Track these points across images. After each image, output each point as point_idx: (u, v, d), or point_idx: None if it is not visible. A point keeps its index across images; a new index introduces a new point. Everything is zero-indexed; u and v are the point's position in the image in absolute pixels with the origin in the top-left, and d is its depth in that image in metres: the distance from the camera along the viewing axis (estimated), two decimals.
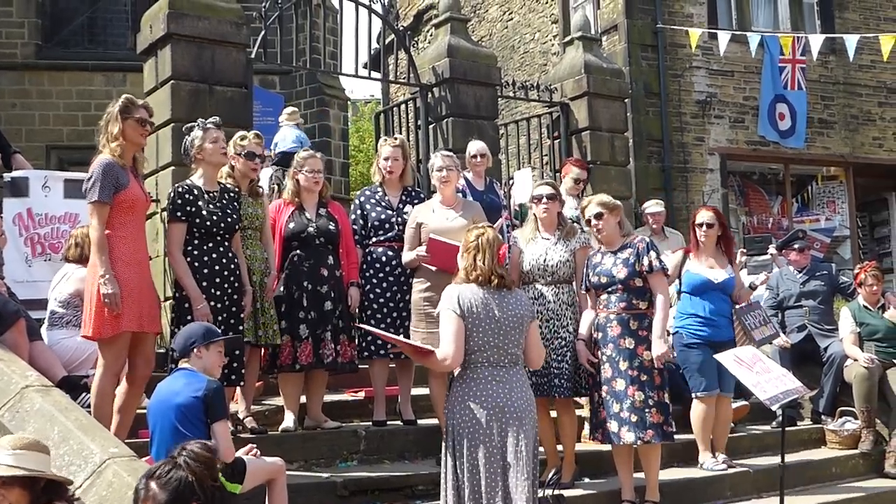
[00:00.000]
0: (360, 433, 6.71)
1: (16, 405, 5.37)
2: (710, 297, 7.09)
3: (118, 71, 17.07)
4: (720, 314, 7.09)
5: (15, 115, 16.57)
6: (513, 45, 17.45)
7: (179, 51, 8.63)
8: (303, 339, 6.53)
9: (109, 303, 5.37)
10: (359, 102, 39.48)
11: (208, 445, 3.90)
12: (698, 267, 7.17)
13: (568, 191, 8.68)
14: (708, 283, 7.10)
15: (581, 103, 11.61)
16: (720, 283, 7.11)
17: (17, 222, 8.22)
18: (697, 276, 7.14)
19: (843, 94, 15.33)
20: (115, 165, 5.50)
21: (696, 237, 7.22)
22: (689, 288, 7.18)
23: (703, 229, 7.13)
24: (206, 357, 5.06)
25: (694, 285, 7.15)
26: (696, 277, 7.14)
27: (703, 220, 7.18)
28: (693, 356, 7.08)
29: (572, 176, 9.06)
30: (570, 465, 6.55)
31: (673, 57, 14.22)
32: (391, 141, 7.20)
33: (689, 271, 7.19)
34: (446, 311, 4.94)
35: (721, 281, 7.11)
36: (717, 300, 7.10)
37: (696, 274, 7.16)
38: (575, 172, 9.10)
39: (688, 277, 7.19)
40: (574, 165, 9.28)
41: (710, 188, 14.22)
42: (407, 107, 11.20)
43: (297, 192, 6.79)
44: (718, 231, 7.17)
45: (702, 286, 7.11)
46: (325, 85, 18.12)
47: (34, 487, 4.13)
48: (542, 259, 6.47)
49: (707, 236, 7.13)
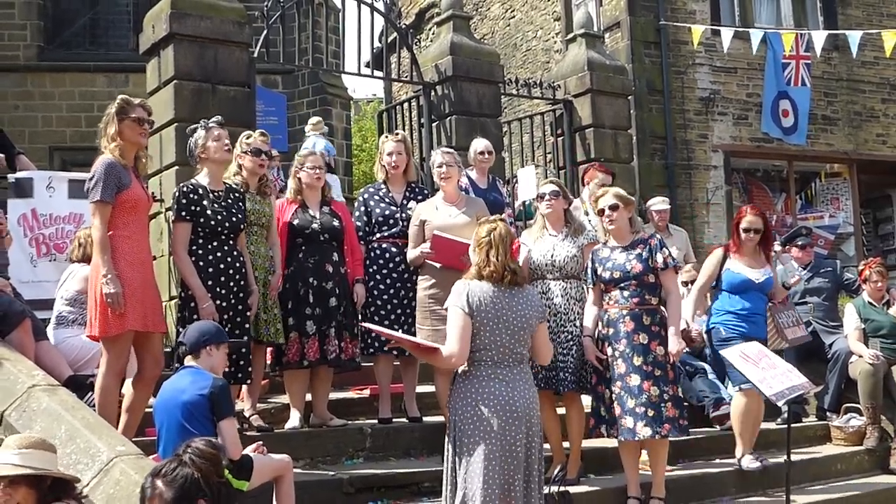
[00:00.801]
0: (365, 431, 6.72)
1: (23, 404, 5.38)
2: (749, 296, 7.07)
3: (120, 72, 17.10)
4: (757, 313, 7.09)
5: (18, 117, 16.60)
6: (515, 42, 17.44)
7: (182, 50, 8.65)
8: (310, 335, 6.54)
9: (112, 302, 5.38)
10: (361, 101, 39.48)
11: (213, 442, 3.92)
12: (739, 266, 7.15)
13: (592, 195, 8.26)
14: (749, 282, 7.08)
15: (584, 100, 11.62)
16: (760, 283, 7.10)
17: (21, 223, 8.22)
18: (738, 275, 7.11)
19: (847, 90, 15.30)
20: (116, 165, 5.51)
21: (739, 238, 7.19)
22: (729, 286, 7.14)
23: (750, 234, 7.11)
24: (214, 357, 5.08)
25: (734, 284, 7.11)
26: (736, 276, 7.11)
27: (750, 225, 7.14)
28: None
29: (596, 181, 8.43)
30: (576, 461, 6.55)
31: (676, 54, 14.20)
32: (393, 136, 7.21)
33: (730, 270, 7.16)
34: (454, 307, 4.92)
35: (761, 281, 7.10)
36: (755, 299, 7.09)
37: (737, 273, 7.12)
38: (599, 178, 8.50)
39: (728, 276, 7.15)
40: (599, 171, 8.73)
41: (713, 185, 14.20)
42: (410, 105, 11.21)
43: (300, 191, 6.80)
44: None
45: (742, 285, 7.08)
46: (327, 84, 18.13)
47: (41, 486, 4.14)
48: (550, 255, 6.47)
49: (752, 241, 7.12)
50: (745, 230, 7.14)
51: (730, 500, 6.77)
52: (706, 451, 7.52)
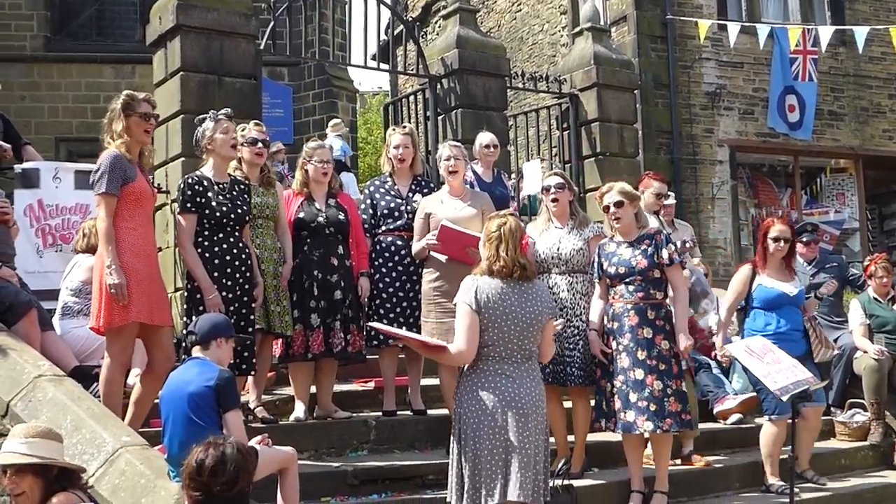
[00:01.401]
0: (370, 423, 6.73)
1: (28, 394, 5.40)
2: (783, 312, 6.92)
3: (127, 63, 17.12)
4: (794, 328, 6.94)
5: (24, 108, 16.62)
6: (521, 36, 17.42)
7: (188, 42, 8.64)
8: (314, 328, 6.55)
9: (115, 293, 5.39)
10: (367, 94, 39.45)
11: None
12: (771, 281, 6.98)
13: (648, 207, 7.83)
14: (784, 296, 6.92)
15: (590, 94, 11.60)
16: (794, 297, 6.95)
17: (28, 213, 8.24)
18: (772, 290, 6.95)
19: (853, 86, 15.28)
20: (122, 158, 5.53)
21: (766, 250, 7.03)
22: (763, 303, 6.97)
23: (780, 244, 6.96)
24: (223, 349, 5.10)
25: (769, 300, 6.94)
26: (770, 292, 6.95)
27: (780, 234, 6.98)
28: None
29: (653, 191, 8.02)
30: (581, 455, 6.56)
31: (682, 48, 14.19)
32: (400, 129, 7.21)
33: (763, 285, 6.99)
34: (462, 303, 4.92)
35: (795, 294, 6.96)
36: (790, 314, 6.94)
37: (770, 288, 6.96)
38: (655, 186, 8.08)
39: (762, 292, 6.98)
40: (654, 179, 8.24)
41: (719, 180, 14.20)
42: (416, 98, 11.20)
43: (306, 183, 6.80)
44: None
45: (777, 300, 6.92)
46: (333, 76, 18.14)
47: (47, 475, 4.17)
48: (556, 248, 6.47)
49: (781, 251, 6.98)
50: (774, 239, 6.96)
51: (734, 495, 6.77)
52: (710, 445, 7.52)
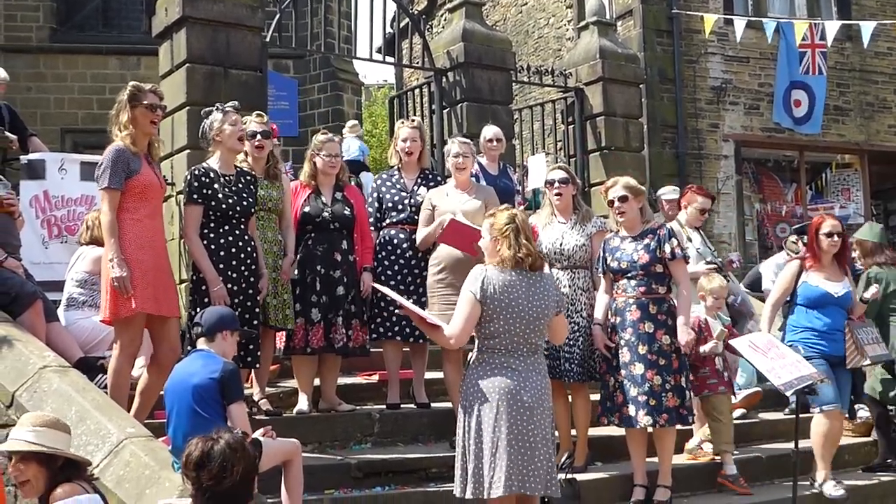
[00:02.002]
0: (373, 416, 6.74)
1: (34, 385, 5.42)
2: (827, 311, 6.80)
3: (133, 54, 17.14)
4: (837, 328, 6.80)
5: (30, 99, 16.63)
6: (527, 29, 17.40)
7: (194, 34, 8.64)
8: (315, 322, 6.56)
9: (118, 286, 5.43)
10: (372, 87, 39.45)
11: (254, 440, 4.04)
12: (817, 279, 6.86)
13: (690, 222, 7.83)
14: (827, 296, 6.80)
15: (596, 88, 11.59)
16: (839, 297, 6.82)
17: (33, 204, 8.26)
18: (816, 288, 6.83)
19: (859, 81, 15.25)
20: (125, 152, 5.55)
21: (817, 247, 6.87)
22: (807, 301, 6.85)
23: (834, 239, 6.81)
24: (228, 342, 5.10)
25: (812, 298, 6.83)
26: (815, 290, 6.83)
27: (831, 229, 6.82)
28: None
29: (696, 206, 7.85)
30: (584, 449, 6.57)
31: (688, 43, 14.17)
32: (409, 123, 7.22)
33: (808, 283, 6.87)
34: (466, 291, 4.91)
35: (841, 295, 6.82)
36: (834, 314, 6.81)
37: (815, 286, 6.84)
38: (699, 202, 7.88)
39: (806, 290, 6.87)
40: (698, 194, 8.02)
41: (724, 175, 14.19)
42: (421, 91, 11.20)
43: (314, 175, 6.80)
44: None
45: (821, 299, 6.80)
46: (338, 69, 18.14)
47: (52, 465, 4.18)
48: (559, 243, 6.48)
49: (834, 246, 6.83)
50: (827, 234, 6.80)
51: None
52: None
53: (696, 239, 7.65)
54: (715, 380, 6.73)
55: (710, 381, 6.73)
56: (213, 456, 3.78)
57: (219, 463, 3.77)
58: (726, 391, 6.80)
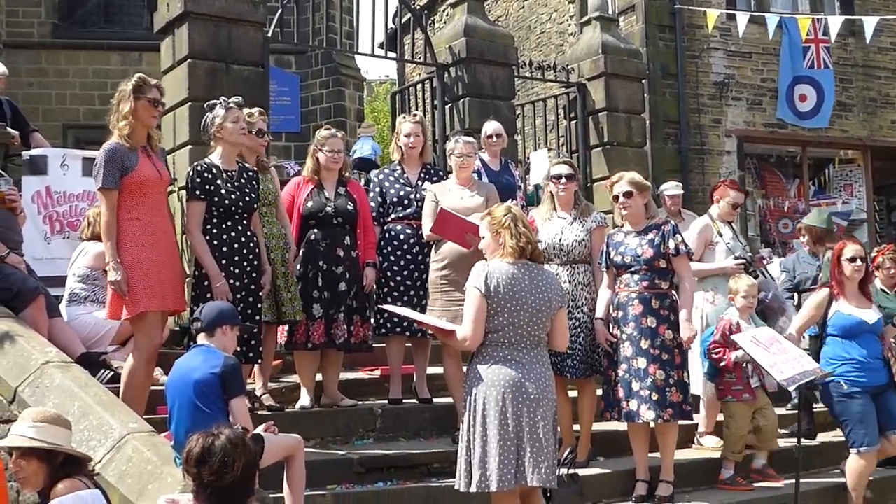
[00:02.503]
0: (375, 411, 6.74)
1: (36, 381, 5.43)
2: (863, 341, 6.60)
3: (134, 50, 17.11)
4: (875, 357, 6.61)
5: (32, 94, 16.63)
6: (529, 25, 17.38)
7: (196, 29, 8.62)
8: (316, 318, 6.56)
9: (116, 289, 5.44)
10: (374, 83, 39.43)
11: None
12: (849, 308, 6.64)
13: (722, 216, 7.66)
14: (863, 324, 6.60)
15: (598, 84, 11.58)
16: (874, 325, 6.64)
17: (35, 200, 8.25)
18: (851, 317, 6.61)
19: (862, 76, 15.22)
20: (118, 149, 5.54)
21: (842, 273, 6.66)
22: (842, 331, 6.62)
23: (857, 264, 6.60)
24: (228, 336, 5.10)
25: (848, 328, 6.60)
26: (849, 319, 6.61)
27: (854, 254, 6.63)
28: (855, 406, 6.50)
29: (728, 200, 7.63)
30: (586, 444, 6.57)
31: (691, 38, 14.14)
32: (411, 118, 7.21)
33: (841, 312, 6.64)
34: (472, 288, 4.92)
35: (874, 322, 6.64)
36: (870, 342, 6.61)
37: (848, 315, 6.62)
38: (732, 196, 7.66)
39: (840, 319, 6.63)
40: (731, 188, 7.79)
41: (726, 170, 14.15)
42: (423, 86, 11.19)
43: (317, 170, 6.80)
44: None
45: (856, 328, 6.59)
46: (340, 65, 18.12)
47: (52, 461, 4.18)
48: (558, 238, 6.47)
49: (858, 271, 6.64)
50: (850, 259, 6.60)
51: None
52: (716, 435, 7.51)
53: (726, 233, 7.52)
54: (740, 387, 6.64)
55: (734, 387, 6.66)
56: (214, 452, 3.78)
57: (219, 458, 3.77)
58: (750, 399, 6.67)
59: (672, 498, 6.18)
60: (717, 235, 7.47)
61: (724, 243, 7.46)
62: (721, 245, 7.41)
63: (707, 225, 7.54)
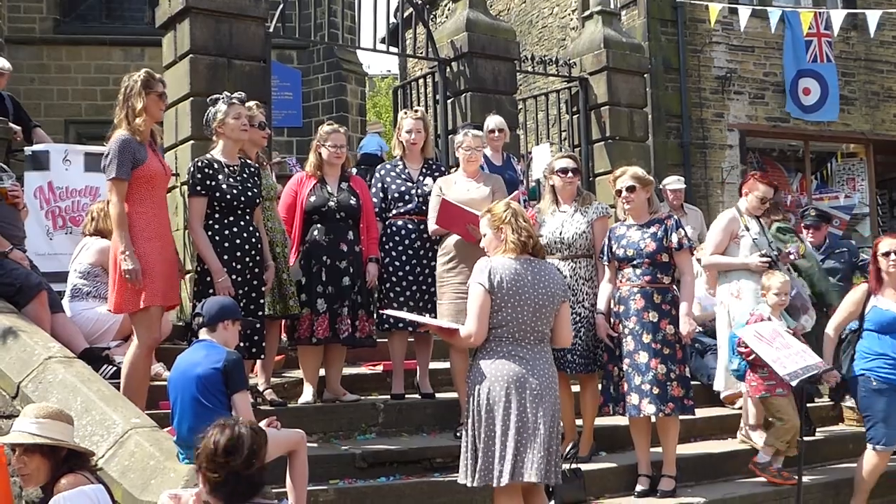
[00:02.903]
0: (378, 406, 6.75)
1: (39, 376, 5.43)
2: None
3: (136, 45, 17.14)
4: None
5: (34, 90, 16.65)
6: (531, 19, 17.36)
7: (198, 24, 8.61)
8: (320, 313, 6.56)
9: (130, 278, 5.44)
10: (376, 77, 39.44)
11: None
12: (887, 303, 6.57)
13: (750, 210, 7.39)
14: None
15: (600, 78, 11.56)
16: None
17: (38, 195, 8.26)
18: (888, 312, 6.55)
19: (865, 70, 15.19)
20: (131, 141, 5.56)
21: (879, 269, 6.60)
22: (878, 326, 6.57)
23: (893, 258, 6.52)
24: (229, 332, 5.10)
25: (885, 323, 6.54)
26: (885, 315, 6.55)
27: (889, 248, 6.56)
28: (880, 403, 6.48)
29: (757, 194, 7.34)
30: (589, 439, 6.58)
31: (693, 32, 14.12)
32: (412, 113, 7.20)
33: (878, 307, 6.59)
34: (475, 284, 4.92)
35: None
36: None
37: (885, 311, 6.56)
38: (761, 190, 7.34)
39: (877, 314, 6.58)
40: (760, 182, 7.43)
41: (728, 164, 14.14)
42: (425, 81, 11.18)
43: (320, 166, 6.80)
44: None
45: (892, 324, 6.53)
46: (342, 59, 18.12)
47: (55, 456, 4.19)
48: (559, 232, 6.46)
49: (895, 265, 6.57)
50: (885, 254, 6.55)
51: (742, 479, 6.77)
52: (718, 429, 7.53)
53: (753, 228, 7.35)
54: (774, 381, 6.55)
55: (768, 381, 6.58)
56: (243, 440, 3.76)
57: (248, 447, 3.76)
58: (784, 393, 6.59)
59: (674, 492, 6.18)
60: (743, 229, 7.30)
61: (751, 237, 7.29)
62: (747, 239, 7.26)
63: (734, 218, 7.37)
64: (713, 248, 7.35)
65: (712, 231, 7.50)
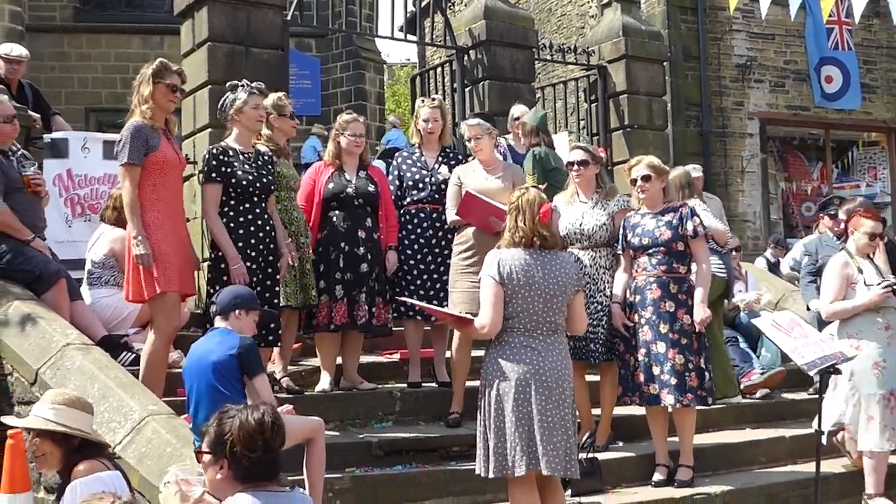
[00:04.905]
0: (395, 394, 6.75)
1: (57, 363, 5.46)
2: None
3: (155, 34, 17.20)
4: None
5: (54, 78, 16.73)
6: (550, 7, 17.28)
7: (216, 12, 8.62)
8: (338, 299, 6.56)
9: (142, 263, 5.46)
10: (395, 66, 39.40)
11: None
12: None
13: (860, 250, 6.75)
14: None
15: (619, 66, 11.51)
16: None
17: (57, 183, 8.29)
18: None
19: (887, 58, 15.05)
20: (144, 128, 5.57)
21: None
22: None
23: None
24: (243, 321, 5.09)
25: None
26: None
27: None
28: None
29: (866, 230, 6.71)
30: (606, 428, 6.57)
31: (713, 20, 14.03)
32: (429, 102, 7.18)
33: None
34: (486, 276, 4.93)
35: None
36: None
37: None
38: (869, 226, 6.71)
39: None
40: (865, 217, 6.81)
41: (748, 153, 14.06)
42: (443, 69, 11.15)
43: (338, 155, 6.79)
44: None
45: None
46: (360, 48, 18.11)
47: (68, 444, 4.21)
48: (579, 223, 6.44)
49: None
50: None
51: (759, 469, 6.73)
52: (735, 420, 7.51)
53: (868, 270, 6.70)
54: None
55: None
56: (278, 420, 3.71)
57: (280, 426, 3.70)
58: None
59: (692, 482, 6.16)
60: (857, 273, 6.67)
61: (863, 281, 6.65)
62: (861, 284, 6.64)
63: (846, 262, 6.72)
64: (832, 296, 6.70)
65: (827, 279, 6.86)
